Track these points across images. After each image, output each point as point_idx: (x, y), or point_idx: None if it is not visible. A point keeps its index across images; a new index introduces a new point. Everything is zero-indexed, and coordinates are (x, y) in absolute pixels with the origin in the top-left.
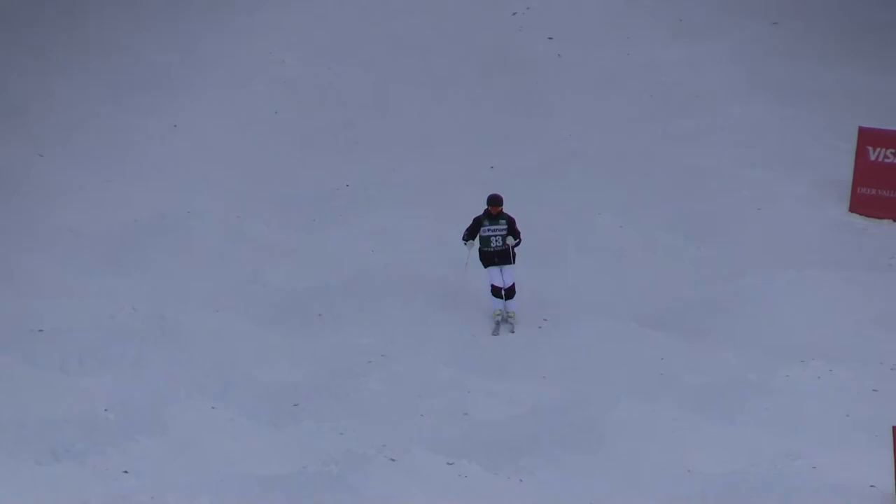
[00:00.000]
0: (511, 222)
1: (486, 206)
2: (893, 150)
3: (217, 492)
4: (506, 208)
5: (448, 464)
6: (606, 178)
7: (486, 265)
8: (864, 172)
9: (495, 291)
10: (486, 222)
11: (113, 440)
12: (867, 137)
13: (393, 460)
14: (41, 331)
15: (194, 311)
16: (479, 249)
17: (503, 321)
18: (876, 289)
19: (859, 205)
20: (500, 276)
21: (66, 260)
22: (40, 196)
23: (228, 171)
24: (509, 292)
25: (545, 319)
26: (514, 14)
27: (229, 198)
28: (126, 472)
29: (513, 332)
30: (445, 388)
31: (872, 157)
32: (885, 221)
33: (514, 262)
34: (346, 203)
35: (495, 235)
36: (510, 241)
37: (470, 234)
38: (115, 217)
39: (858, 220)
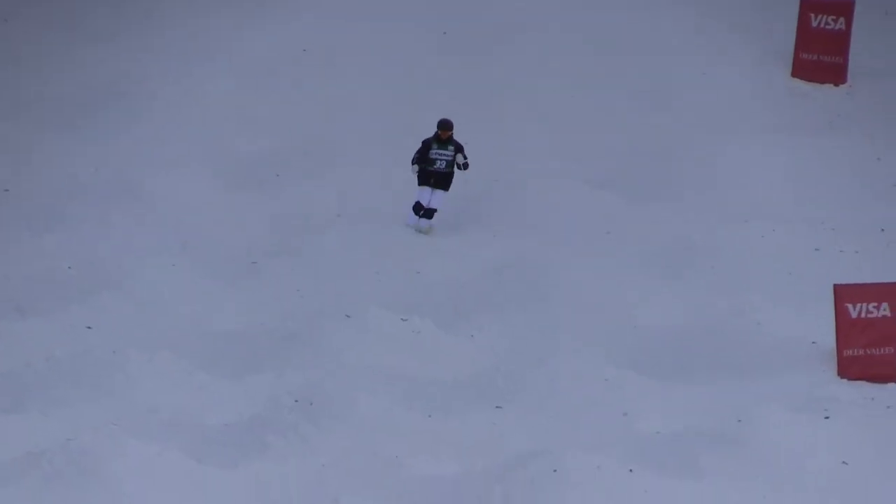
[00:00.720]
0: (459, 148)
1: (436, 130)
2: (834, 17)
3: (177, 346)
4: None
5: (402, 320)
6: (559, 44)
7: (420, 183)
8: (806, 39)
9: (417, 207)
10: (434, 145)
11: (76, 297)
12: (809, 5)
13: (348, 316)
14: (7, 190)
15: (155, 172)
16: (421, 168)
17: (417, 231)
18: (817, 151)
19: (801, 70)
20: (429, 196)
21: (29, 122)
22: (5, 63)
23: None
24: (428, 213)
25: (496, 180)
26: None
27: (190, 61)
28: (89, 327)
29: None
30: (398, 247)
31: (814, 24)
32: (826, 85)
33: (447, 190)
34: (304, 70)
35: (440, 159)
36: (459, 159)
37: (420, 159)
38: (75, 81)
39: (801, 85)
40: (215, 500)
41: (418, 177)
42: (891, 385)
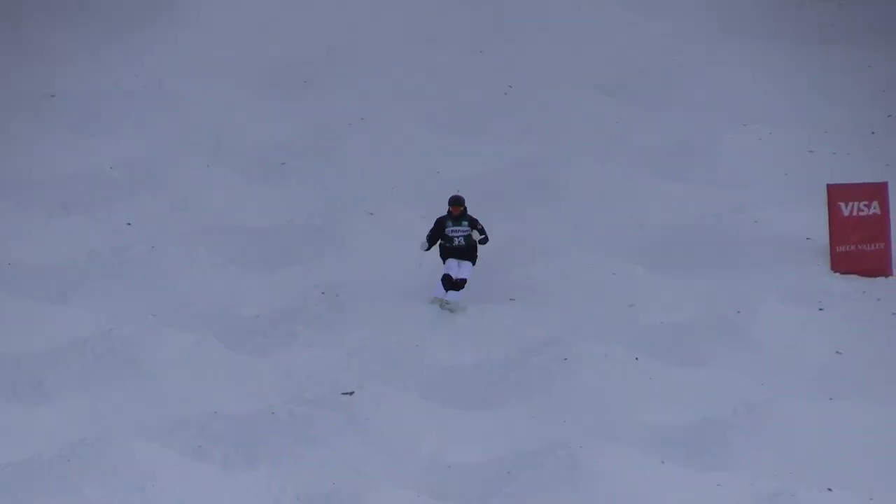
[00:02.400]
0: (474, 223)
1: (448, 207)
2: None
3: (211, 242)
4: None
5: (421, 217)
6: None
7: (444, 258)
8: None
9: (445, 280)
10: (449, 223)
11: (117, 195)
12: None
13: (371, 214)
14: (53, 96)
15: (191, 79)
16: (441, 245)
17: (441, 307)
18: (812, 59)
19: None
20: (457, 268)
21: (76, 30)
22: None
23: None
24: (458, 284)
25: (510, 86)
26: None
27: None
28: (129, 224)
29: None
30: (419, 148)
31: None
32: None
33: (474, 263)
34: None
35: (457, 236)
36: (475, 235)
37: (432, 239)
38: None
39: None
40: (247, 386)
41: (441, 254)
42: (881, 279)
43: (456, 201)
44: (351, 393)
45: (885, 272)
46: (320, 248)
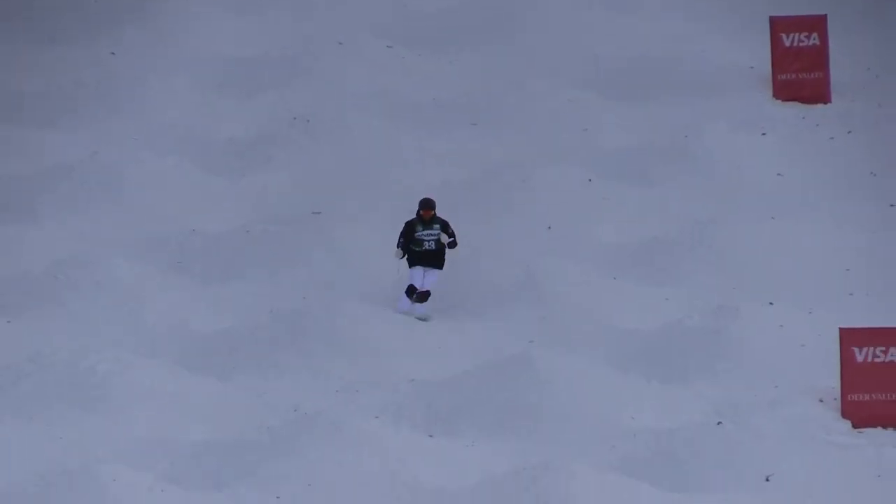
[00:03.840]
0: (445, 226)
1: (418, 210)
2: None
3: (192, 71)
4: None
5: (387, 47)
6: None
7: (411, 265)
8: None
9: (409, 290)
10: (419, 227)
11: (102, 27)
12: None
13: (340, 44)
14: None
15: None
16: (410, 249)
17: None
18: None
19: None
20: (422, 278)
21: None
22: None
23: None
24: (422, 296)
25: None
26: None
27: None
28: (113, 53)
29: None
30: None
31: None
32: None
33: (441, 269)
34: None
35: (427, 239)
36: (444, 238)
37: (405, 242)
38: None
39: None
40: (223, 205)
41: (408, 259)
42: (819, 105)
43: (427, 204)
44: (320, 213)
45: (824, 99)
46: (293, 77)
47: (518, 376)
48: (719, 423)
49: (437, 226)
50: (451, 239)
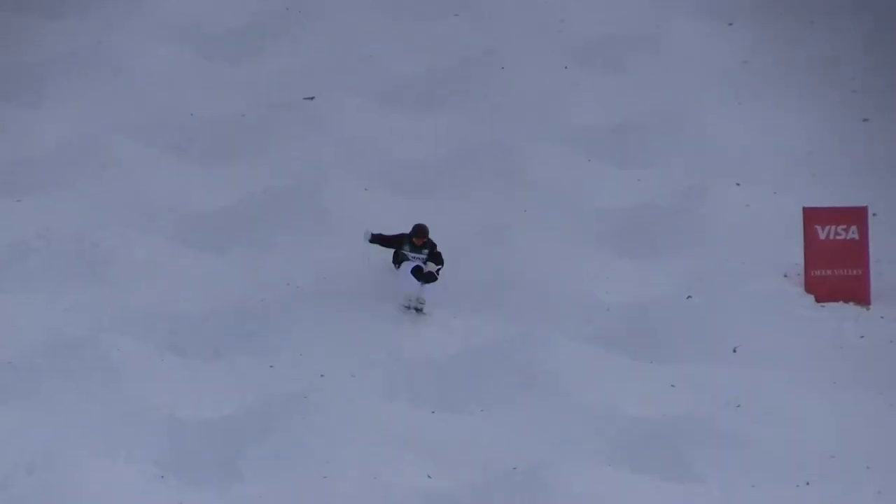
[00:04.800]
0: (433, 253)
1: (410, 234)
2: None
3: None
4: None
5: None
6: None
7: (413, 272)
8: None
9: (416, 270)
10: (406, 247)
11: None
12: None
13: None
14: None
15: None
16: (396, 254)
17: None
18: None
19: None
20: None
21: None
22: None
23: None
24: (429, 276)
25: None
26: None
27: None
28: None
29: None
30: None
31: None
32: None
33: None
34: None
35: (414, 261)
36: (431, 266)
37: (381, 238)
38: None
39: None
40: (220, 92)
41: (395, 259)
42: None
43: (420, 231)
44: (312, 98)
45: None
46: None
47: (498, 253)
48: (689, 297)
49: (426, 251)
50: (438, 267)
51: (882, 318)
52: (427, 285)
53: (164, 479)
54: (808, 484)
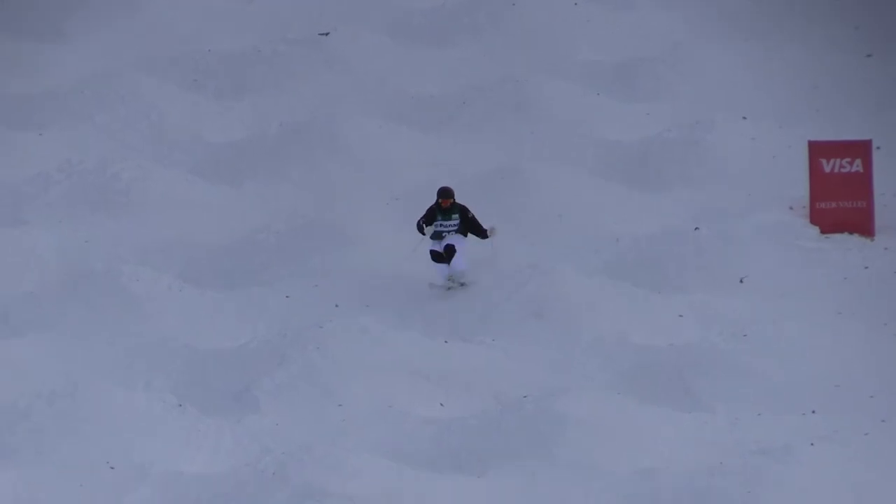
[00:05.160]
0: (463, 214)
1: (437, 199)
2: None
3: None
4: None
5: None
6: None
7: (434, 259)
8: None
9: (436, 256)
10: (438, 216)
11: None
12: None
13: None
14: None
15: None
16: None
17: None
18: None
19: None
20: (440, 244)
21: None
22: None
23: None
24: (448, 250)
25: None
26: None
27: None
28: None
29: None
30: None
31: None
32: None
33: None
34: None
35: (447, 231)
36: (492, 230)
37: (427, 222)
38: None
39: None
40: (236, 26)
41: (431, 255)
42: None
43: (445, 193)
44: (327, 34)
45: None
46: None
47: (509, 186)
48: (696, 228)
49: (456, 215)
50: (482, 233)
51: (886, 249)
52: (454, 260)
53: (181, 407)
54: (813, 412)
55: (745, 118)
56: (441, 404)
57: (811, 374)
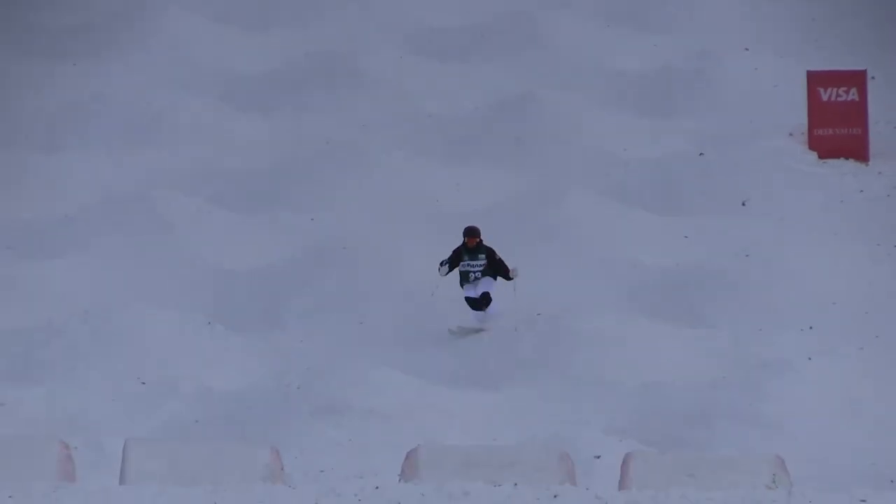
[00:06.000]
0: (490, 255)
1: (463, 238)
2: None
3: None
4: None
5: None
6: None
7: (461, 285)
8: None
9: (472, 303)
10: (465, 256)
11: None
12: None
13: None
14: None
15: None
16: (460, 280)
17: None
18: None
19: None
20: (474, 288)
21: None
22: None
23: None
24: (484, 300)
25: None
26: None
27: None
28: None
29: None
30: None
31: None
32: None
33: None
34: None
35: (474, 271)
36: (486, 283)
37: (449, 265)
38: None
39: None
40: None
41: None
42: None
43: (471, 232)
44: None
45: None
46: None
47: (523, 113)
48: (701, 154)
49: (483, 255)
50: (508, 275)
51: (880, 173)
52: (489, 309)
53: (210, 325)
54: (810, 328)
55: (747, 49)
56: (450, 330)
57: (809, 293)
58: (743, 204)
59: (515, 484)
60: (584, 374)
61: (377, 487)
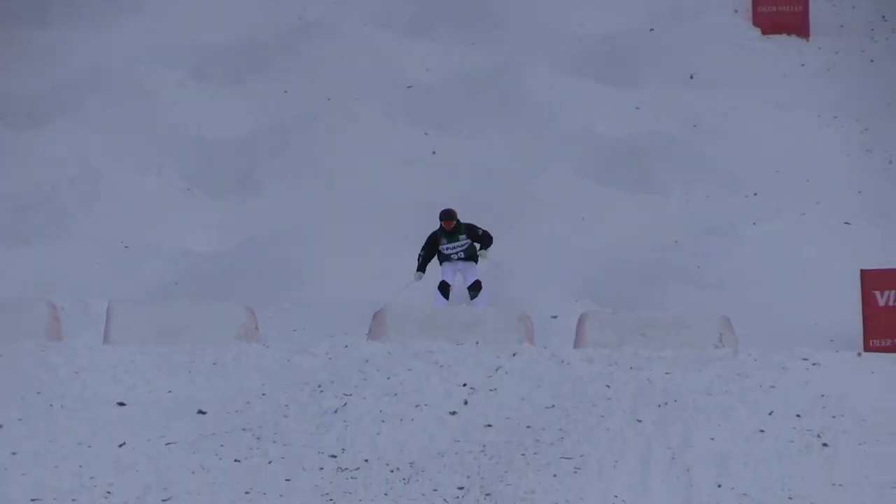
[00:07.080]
0: (472, 232)
1: (439, 222)
2: None
3: None
4: None
5: None
6: None
7: (440, 263)
8: None
9: (443, 287)
10: (443, 240)
11: None
12: None
13: None
14: None
15: None
16: (440, 260)
17: None
18: None
19: None
20: (454, 274)
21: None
22: None
23: None
24: (475, 288)
25: None
26: None
27: None
28: None
29: None
30: None
31: None
32: None
33: (476, 262)
34: None
35: (456, 251)
36: (483, 253)
37: (425, 260)
38: None
39: None
40: None
41: (438, 261)
42: None
43: (447, 215)
44: None
45: None
46: None
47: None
48: (651, 29)
49: (463, 236)
50: (487, 246)
51: (819, 48)
52: (477, 298)
53: (189, 191)
54: (755, 195)
55: None
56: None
57: (754, 161)
58: (691, 77)
59: (477, 343)
60: (543, 236)
61: (346, 346)
